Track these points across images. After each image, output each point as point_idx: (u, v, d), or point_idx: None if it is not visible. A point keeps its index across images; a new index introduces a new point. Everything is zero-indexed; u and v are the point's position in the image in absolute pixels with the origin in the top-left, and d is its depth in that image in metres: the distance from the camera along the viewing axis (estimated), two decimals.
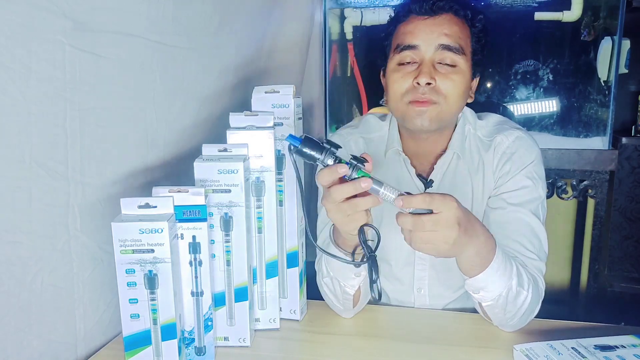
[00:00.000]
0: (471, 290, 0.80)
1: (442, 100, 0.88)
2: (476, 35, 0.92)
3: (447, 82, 0.87)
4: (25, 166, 0.67)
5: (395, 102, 0.91)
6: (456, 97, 0.89)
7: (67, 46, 0.69)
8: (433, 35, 0.88)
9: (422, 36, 0.88)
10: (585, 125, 1.62)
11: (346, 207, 0.69)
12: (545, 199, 0.93)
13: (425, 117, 0.88)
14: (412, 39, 0.89)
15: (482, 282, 0.77)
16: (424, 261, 0.98)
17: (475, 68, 0.93)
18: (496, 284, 0.77)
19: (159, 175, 0.91)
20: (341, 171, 0.68)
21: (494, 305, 0.80)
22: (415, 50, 0.89)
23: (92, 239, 0.79)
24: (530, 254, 0.86)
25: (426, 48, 0.88)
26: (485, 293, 0.78)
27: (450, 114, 0.90)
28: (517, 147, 0.93)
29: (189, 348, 0.77)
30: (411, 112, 0.88)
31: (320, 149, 0.68)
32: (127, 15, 0.78)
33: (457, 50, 0.88)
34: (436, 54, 0.88)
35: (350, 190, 0.68)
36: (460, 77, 0.89)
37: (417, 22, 0.89)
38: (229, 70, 1.08)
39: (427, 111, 0.87)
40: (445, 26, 0.88)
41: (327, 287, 0.89)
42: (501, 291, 0.77)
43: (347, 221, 0.71)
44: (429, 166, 0.97)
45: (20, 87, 0.64)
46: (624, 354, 0.70)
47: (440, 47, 0.87)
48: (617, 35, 1.53)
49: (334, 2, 1.69)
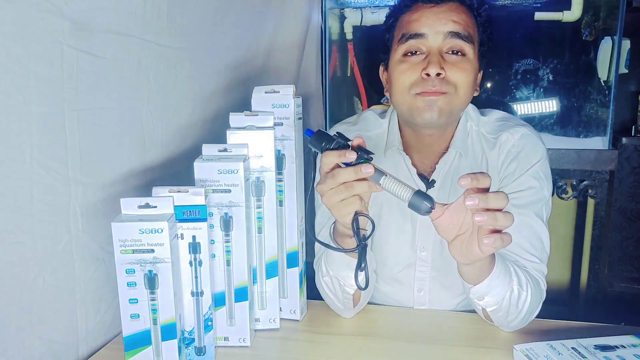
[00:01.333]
0: (476, 298, 0.79)
1: (452, 91, 0.84)
2: (482, 25, 0.89)
3: (457, 72, 0.84)
4: (26, 166, 0.67)
5: (401, 95, 0.87)
6: (466, 87, 0.85)
7: (65, 46, 0.69)
8: (441, 23, 0.84)
9: (429, 24, 0.85)
10: (585, 125, 1.62)
11: (342, 189, 0.69)
12: (550, 198, 0.91)
13: (435, 109, 0.84)
14: (419, 27, 0.86)
15: (486, 288, 0.76)
16: (426, 262, 0.97)
17: (482, 59, 0.90)
18: (499, 288, 0.77)
19: (157, 175, 0.91)
20: (349, 156, 0.68)
21: (497, 310, 0.79)
22: (422, 39, 0.85)
23: (94, 239, 0.79)
24: (531, 257, 0.86)
25: (434, 36, 0.85)
26: (489, 298, 0.78)
27: (460, 106, 0.87)
28: (523, 145, 0.90)
29: (189, 348, 0.77)
30: (420, 103, 0.85)
31: (331, 140, 0.72)
32: (124, 16, 0.78)
33: (467, 37, 0.85)
34: (445, 43, 0.85)
35: (351, 174, 0.68)
36: (469, 66, 0.85)
37: (423, 10, 0.86)
38: (224, 70, 1.08)
39: (438, 101, 0.83)
40: (453, 14, 0.85)
41: (326, 286, 0.89)
42: (504, 294, 0.77)
43: (341, 206, 0.70)
44: (431, 165, 0.95)
45: (19, 88, 0.64)
46: (624, 354, 0.70)
47: (449, 35, 0.84)
48: (617, 35, 1.53)
49: (334, 2, 1.69)
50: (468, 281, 0.77)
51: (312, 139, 0.74)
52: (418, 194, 0.66)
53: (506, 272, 0.77)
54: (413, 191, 0.66)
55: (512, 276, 0.78)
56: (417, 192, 0.66)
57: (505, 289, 0.77)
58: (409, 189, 0.67)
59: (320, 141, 0.73)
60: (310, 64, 1.61)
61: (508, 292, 0.77)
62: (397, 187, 0.67)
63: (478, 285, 0.76)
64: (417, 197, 0.66)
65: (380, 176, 0.68)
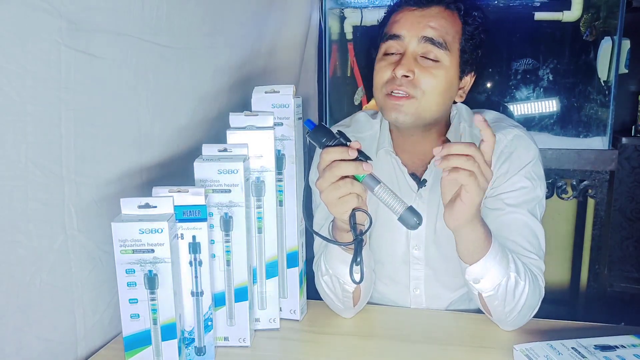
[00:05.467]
0: (472, 280, 0.80)
1: (420, 95, 0.85)
2: (469, 33, 0.89)
3: (427, 77, 0.85)
4: (21, 166, 0.67)
5: (376, 91, 0.90)
6: (436, 93, 0.86)
7: (63, 46, 0.69)
8: (418, 27, 0.86)
9: (406, 26, 0.87)
10: (585, 125, 1.62)
11: (341, 184, 0.71)
12: (544, 198, 0.92)
13: (400, 111, 0.85)
14: (397, 28, 0.87)
15: (482, 269, 0.78)
16: (420, 260, 0.97)
17: (466, 66, 0.90)
18: (495, 271, 0.78)
19: (154, 175, 0.91)
20: (351, 154, 0.70)
21: (494, 296, 0.80)
22: (398, 41, 0.87)
23: (90, 239, 0.79)
24: (529, 253, 0.86)
25: (409, 39, 0.86)
26: (485, 282, 0.79)
27: (430, 111, 0.87)
28: (515, 146, 0.91)
29: (189, 348, 0.77)
30: (388, 104, 0.87)
31: (332, 137, 0.72)
32: (122, 15, 0.78)
33: (441, 45, 0.85)
34: (419, 47, 0.86)
35: (351, 168, 0.70)
36: (442, 72, 0.86)
37: (405, 12, 0.88)
38: (223, 70, 1.08)
39: (403, 105, 0.85)
40: (432, 19, 0.86)
41: (326, 285, 0.89)
42: (501, 279, 0.78)
43: (339, 203, 0.73)
44: (423, 165, 0.95)
45: (16, 87, 0.64)
46: (624, 354, 0.70)
47: (423, 40, 0.85)
48: (617, 35, 1.53)
49: (334, 2, 1.69)
50: (465, 259, 0.78)
51: (312, 133, 0.73)
52: (410, 209, 0.71)
53: (503, 257, 0.78)
54: (406, 206, 0.71)
55: (509, 263, 0.79)
56: (409, 208, 0.71)
57: (502, 273, 0.78)
58: (403, 203, 0.71)
59: (321, 137, 0.73)
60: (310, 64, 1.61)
61: (505, 278, 0.78)
62: (391, 199, 0.71)
63: (474, 265, 0.77)
64: (408, 212, 0.70)
65: (376, 184, 0.71)
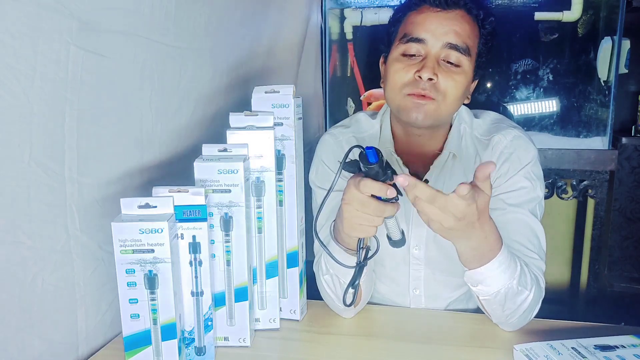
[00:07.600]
0: (470, 283, 0.80)
1: (441, 98, 0.87)
2: (485, 37, 0.90)
3: (449, 81, 0.86)
4: (24, 166, 0.67)
5: (393, 92, 0.90)
6: (455, 97, 0.88)
7: (72, 46, 0.69)
8: (443, 31, 0.86)
9: (431, 30, 0.87)
10: (585, 125, 1.62)
11: (371, 210, 0.71)
12: (543, 198, 0.92)
13: (422, 111, 0.86)
14: (420, 31, 0.87)
15: (480, 276, 0.77)
16: (420, 260, 0.97)
17: (478, 70, 0.92)
18: (495, 280, 0.77)
19: (157, 175, 0.91)
20: (390, 194, 0.70)
21: (491, 301, 0.80)
22: (421, 44, 0.87)
23: (92, 239, 0.79)
24: (531, 253, 0.86)
25: (433, 43, 0.86)
26: (483, 287, 0.78)
27: (447, 113, 0.90)
28: (515, 147, 0.92)
29: (189, 348, 0.78)
30: (409, 103, 0.87)
31: (385, 173, 0.71)
32: (132, 16, 0.78)
33: (464, 50, 0.87)
34: (442, 51, 0.87)
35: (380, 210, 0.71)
36: (462, 77, 0.88)
37: (428, 13, 0.88)
38: (225, 70, 1.08)
39: (425, 105, 0.86)
40: (457, 23, 0.86)
41: (327, 285, 0.89)
42: (500, 288, 0.78)
43: (359, 229, 0.74)
44: (424, 166, 0.96)
45: (24, 87, 0.64)
46: (624, 354, 0.70)
47: (448, 46, 0.86)
48: (617, 35, 1.53)
49: (334, 2, 1.69)
50: (462, 262, 0.78)
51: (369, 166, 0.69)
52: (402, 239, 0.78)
53: (508, 269, 0.77)
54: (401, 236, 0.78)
55: (514, 275, 0.78)
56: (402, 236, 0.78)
57: (502, 284, 0.77)
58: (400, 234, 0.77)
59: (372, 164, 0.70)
60: (310, 64, 1.61)
61: (504, 287, 0.78)
62: (394, 227, 0.76)
63: (472, 270, 0.77)
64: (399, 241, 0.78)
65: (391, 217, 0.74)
